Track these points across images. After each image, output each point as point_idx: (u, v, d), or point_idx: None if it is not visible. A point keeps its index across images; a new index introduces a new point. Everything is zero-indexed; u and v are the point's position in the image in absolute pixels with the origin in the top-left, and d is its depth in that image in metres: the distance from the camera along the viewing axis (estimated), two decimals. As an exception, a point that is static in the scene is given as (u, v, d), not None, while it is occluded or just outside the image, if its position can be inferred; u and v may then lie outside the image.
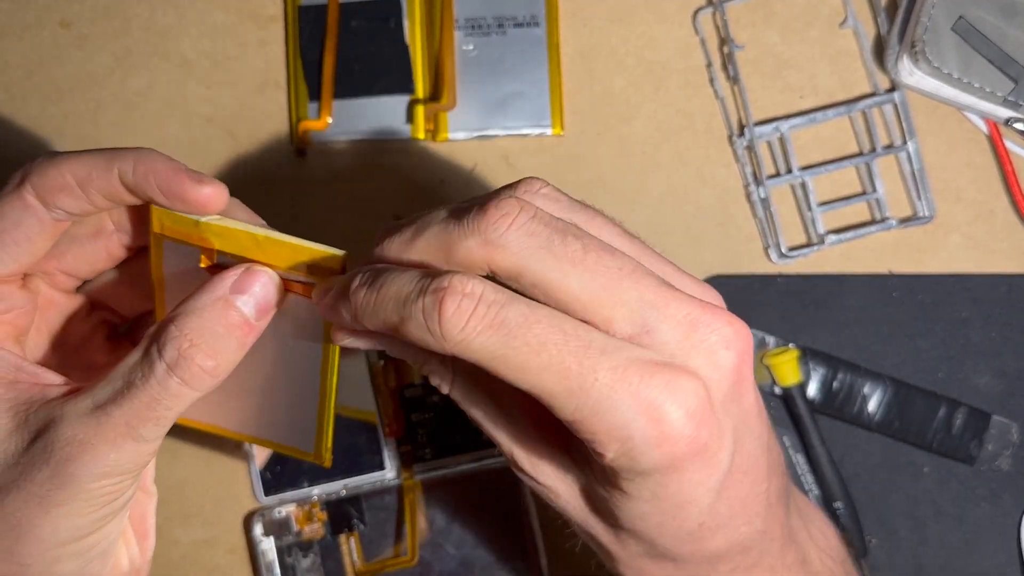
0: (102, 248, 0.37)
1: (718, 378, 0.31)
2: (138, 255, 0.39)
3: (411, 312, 0.29)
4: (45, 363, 0.38)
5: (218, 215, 0.36)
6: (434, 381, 0.34)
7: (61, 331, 0.39)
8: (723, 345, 0.30)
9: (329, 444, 0.39)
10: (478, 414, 0.34)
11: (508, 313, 0.29)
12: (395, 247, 0.32)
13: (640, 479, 0.31)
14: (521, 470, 0.34)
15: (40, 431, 0.33)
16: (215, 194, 0.34)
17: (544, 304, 0.30)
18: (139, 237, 0.38)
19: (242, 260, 0.35)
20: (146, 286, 0.40)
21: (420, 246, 0.31)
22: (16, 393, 0.34)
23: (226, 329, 0.34)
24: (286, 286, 0.36)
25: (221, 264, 0.36)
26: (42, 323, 0.39)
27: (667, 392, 0.29)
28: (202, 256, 0.36)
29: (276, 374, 0.39)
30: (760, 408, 0.34)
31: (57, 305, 0.39)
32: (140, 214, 0.37)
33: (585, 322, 0.30)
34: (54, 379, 0.35)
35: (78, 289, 0.40)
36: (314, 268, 0.35)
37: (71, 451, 0.33)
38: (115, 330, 0.42)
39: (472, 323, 0.29)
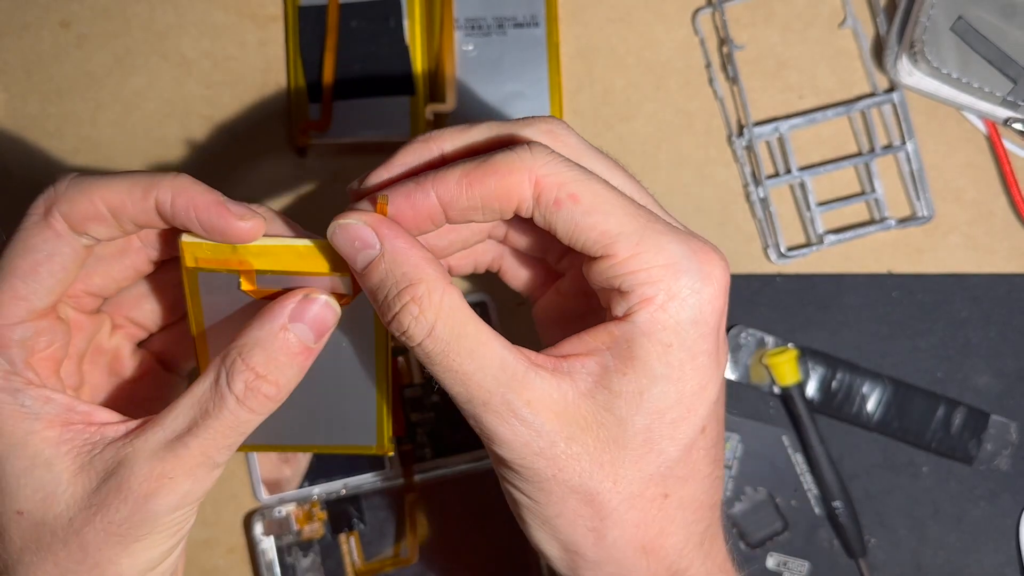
0: (129, 266, 0.38)
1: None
2: (158, 268, 0.39)
3: (500, 151, 0.34)
4: (76, 386, 0.39)
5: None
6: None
7: (90, 352, 0.40)
8: (721, 269, 0.35)
9: (390, 434, 0.40)
10: (463, 350, 0.33)
11: (582, 167, 0.34)
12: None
13: (675, 339, 0.33)
14: (506, 411, 0.34)
15: (110, 471, 0.34)
16: (256, 228, 0.34)
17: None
18: (166, 251, 0.38)
19: (284, 275, 0.35)
20: (166, 298, 0.40)
21: (458, 167, 0.34)
22: (72, 435, 0.35)
23: (288, 358, 0.35)
24: (333, 291, 0.36)
25: (264, 283, 0.36)
26: (73, 348, 0.39)
27: (710, 252, 0.34)
28: (242, 279, 0.36)
29: (328, 380, 0.39)
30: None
31: (84, 328, 0.39)
32: (167, 231, 0.37)
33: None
34: (108, 417, 0.36)
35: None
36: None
37: (150, 487, 0.33)
38: (136, 343, 0.42)
39: (557, 156, 0.34)
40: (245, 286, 0.36)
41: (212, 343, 0.38)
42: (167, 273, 0.39)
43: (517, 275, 0.41)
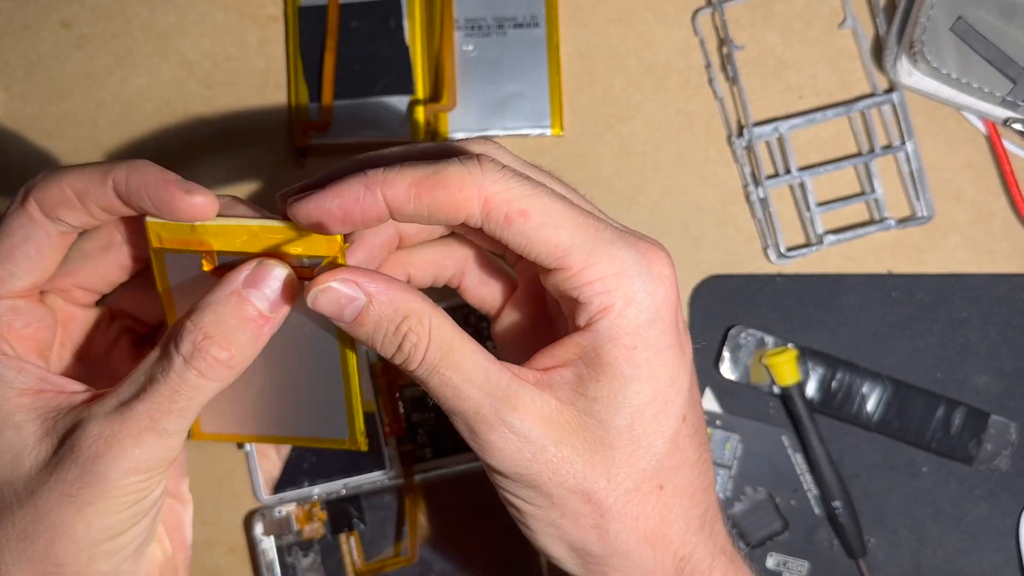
0: (114, 261, 0.38)
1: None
2: (147, 265, 0.39)
3: (449, 162, 0.34)
4: (71, 376, 0.39)
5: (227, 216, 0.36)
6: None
7: (84, 344, 0.40)
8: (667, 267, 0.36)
9: (362, 427, 0.40)
10: (451, 365, 0.35)
11: (532, 179, 0.35)
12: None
13: (638, 341, 0.35)
14: (496, 420, 0.35)
15: (67, 434, 0.34)
16: (205, 203, 0.35)
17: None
18: (144, 247, 0.38)
19: (243, 256, 0.36)
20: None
21: (408, 172, 0.34)
22: (43, 402, 0.35)
23: (239, 322, 0.35)
24: (297, 273, 0.36)
25: (225, 265, 0.36)
26: (65, 338, 0.40)
27: (656, 251, 0.36)
28: (203, 261, 0.36)
29: (296, 369, 0.39)
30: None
31: (77, 319, 0.40)
32: (141, 226, 0.37)
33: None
34: (78, 387, 0.36)
35: (98, 302, 0.41)
36: (312, 249, 0.35)
37: (97, 448, 0.34)
38: (139, 339, 0.42)
39: (507, 171, 0.35)
40: (206, 266, 0.36)
41: None
42: None
43: (477, 292, 0.42)
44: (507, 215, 0.34)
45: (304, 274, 0.36)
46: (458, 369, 0.34)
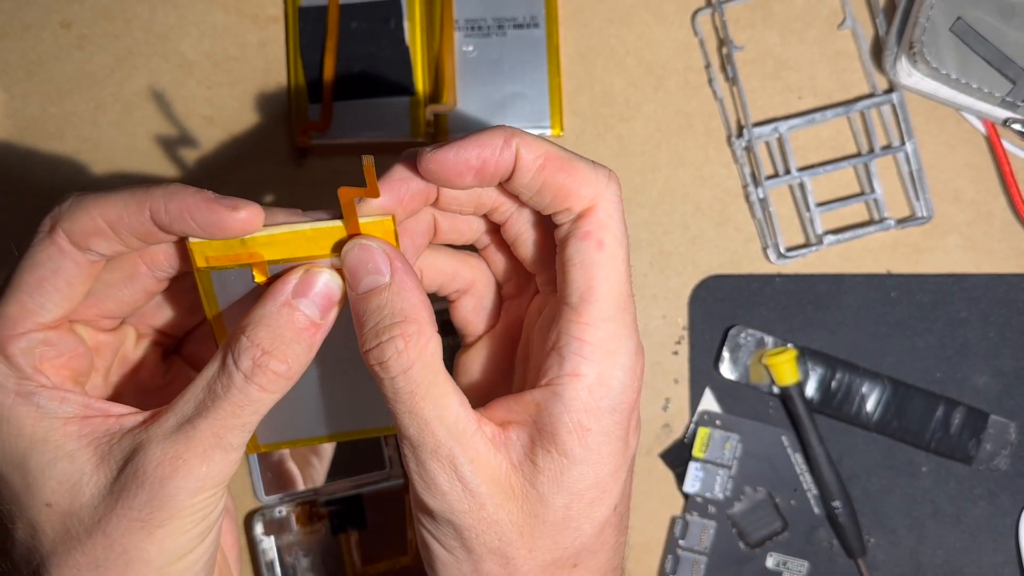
0: (139, 289, 0.38)
1: None
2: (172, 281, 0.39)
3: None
4: (105, 398, 0.39)
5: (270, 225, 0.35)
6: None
7: (116, 364, 0.40)
8: None
9: None
10: (430, 396, 0.35)
11: None
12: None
13: (595, 424, 0.35)
14: (449, 464, 0.35)
15: (127, 459, 0.34)
16: (252, 216, 0.34)
17: None
18: (174, 270, 0.38)
19: (297, 261, 0.35)
20: (185, 302, 0.40)
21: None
22: (91, 428, 0.35)
23: (294, 333, 0.35)
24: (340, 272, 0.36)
25: (276, 274, 0.36)
26: (98, 363, 0.39)
27: (641, 349, 0.37)
28: (255, 272, 0.36)
29: (337, 365, 0.39)
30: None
31: (108, 345, 0.39)
32: (174, 249, 0.37)
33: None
34: (124, 409, 0.36)
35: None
36: (368, 231, 0.35)
37: (164, 470, 0.34)
38: (166, 350, 0.42)
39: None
40: (259, 278, 0.36)
41: None
42: (182, 279, 0.39)
43: (466, 315, 0.42)
44: (589, 232, 0.35)
45: None
46: (435, 404, 0.34)
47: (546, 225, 0.38)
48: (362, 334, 0.35)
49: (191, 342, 0.42)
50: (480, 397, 0.38)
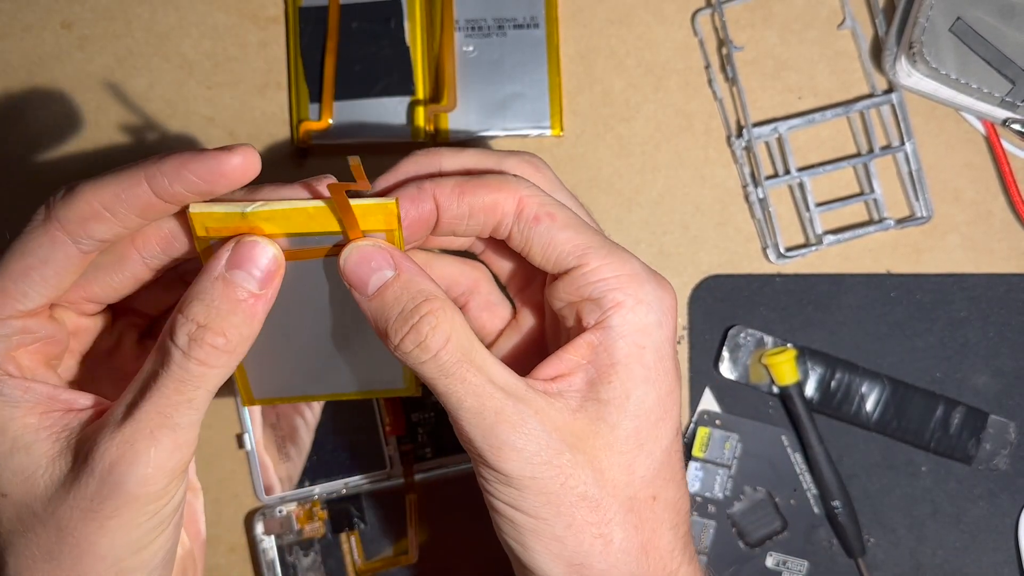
0: (128, 275, 0.37)
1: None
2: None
3: (489, 174, 0.38)
4: (79, 383, 0.39)
5: (261, 200, 0.35)
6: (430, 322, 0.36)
7: (91, 349, 0.40)
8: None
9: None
10: (475, 364, 0.35)
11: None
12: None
13: (647, 341, 0.36)
14: (519, 421, 0.35)
15: (81, 450, 0.34)
16: (248, 157, 0.34)
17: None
18: (165, 258, 0.38)
19: (298, 237, 0.35)
20: (166, 284, 0.39)
21: (452, 179, 0.37)
22: (52, 421, 0.35)
23: (230, 305, 0.34)
24: (352, 237, 0.35)
25: (288, 251, 0.36)
26: (74, 346, 0.39)
27: (659, 274, 0.38)
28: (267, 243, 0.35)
29: (345, 325, 0.39)
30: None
31: (86, 329, 0.39)
32: (166, 232, 0.37)
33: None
34: (87, 401, 0.36)
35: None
36: (370, 216, 0.35)
37: (111, 456, 0.33)
38: (141, 333, 0.42)
39: (536, 187, 0.38)
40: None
41: None
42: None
43: (479, 316, 0.43)
44: (536, 215, 0.37)
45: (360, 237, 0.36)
46: (480, 369, 0.35)
47: None
48: (387, 329, 0.35)
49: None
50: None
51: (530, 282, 0.42)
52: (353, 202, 0.34)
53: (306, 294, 0.38)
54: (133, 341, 0.41)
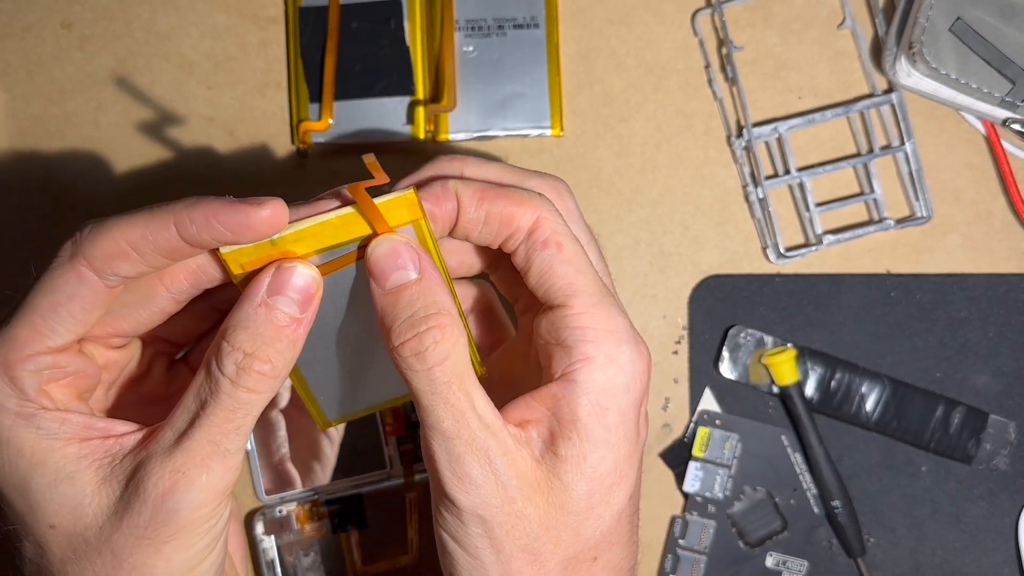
0: (157, 311, 0.38)
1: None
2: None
3: (514, 187, 0.38)
4: (110, 412, 0.39)
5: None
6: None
7: (121, 380, 0.40)
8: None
9: (478, 358, 0.40)
10: (464, 388, 0.35)
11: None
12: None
13: (611, 402, 0.36)
14: (483, 456, 0.35)
15: (129, 479, 0.34)
16: (277, 210, 0.34)
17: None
18: (195, 290, 0.38)
19: (329, 250, 0.35)
20: (194, 312, 0.40)
21: (478, 184, 0.37)
22: (91, 449, 0.35)
23: (274, 332, 0.35)
24: (380, 232, 0.36)
25: (329, 261, 0.36)
26: (104, 378, 0.39)
27: (642, 340, 0.37)
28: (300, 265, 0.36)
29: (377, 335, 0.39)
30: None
31: (115, 362, 0.39)
32: (193, 268, 0.37)
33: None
34: (125, 428, 0.36)
35: None
36: (392, 210, 0.35)
37: (164, 485, 0.34)
38: (171, 360, 0.42)
39: (557, 213, 0.38)
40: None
41: None
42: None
43: (475, 333, 0.43)
44: (546, 240, 0.36)
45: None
46: (468, 396, 0.35)
47: None
48: (393, 328, 0.35)
49: (198, 350, 0.42)
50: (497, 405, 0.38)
51: (531, 307, 0.42)
52: (380, 199, 0.35)
53: (348, 303, 0.38)
54: (163, 368, 0.42)
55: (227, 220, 0.34)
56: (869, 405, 0.53)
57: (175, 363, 0.42)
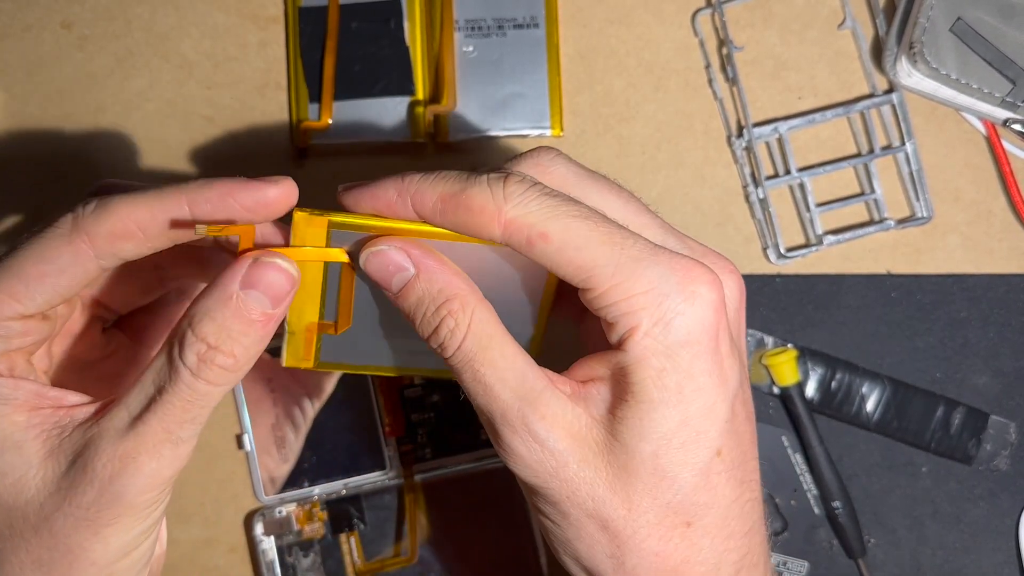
0: (147, 285, 0.37)
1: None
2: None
3: (476, 181, 0.34)
4: (47, 368, 0.38)
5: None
6: (448, 326, 0.35)
7: (60, 334, 0.39)
8: (707, 288, 0.34)
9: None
10: (486, 361, 0.34)
11: (557, 197, 0.34)
12: (416, 182, 0.35)
13: (668, 363, 0.33)
14: (521, 426, 0.34)
15: (78, 454, 0.33)
16: (287, 188, 0.34)
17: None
18: (177, 274, 0.37)
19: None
20: (138, 282, 0.39)
21: (439, 185, 0.34)
22: (42, 418, 0.34)
23: (243, 326, 0.33)
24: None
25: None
26: (53, 340, 0.38)
27: (694, 269, 0.34)
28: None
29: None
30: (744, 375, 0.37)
31: (74, 326, 0.39)
32: (177, 254, 0.36)
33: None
34: (77, 399, 0.35)
35: None
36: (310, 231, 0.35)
37: (114, 468, 0.33)
38: (105, 323, 0.41)
39: (530, 192, 0.33)
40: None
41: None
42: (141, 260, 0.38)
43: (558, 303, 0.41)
44: (528, 238, 0.33)
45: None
46: (493, 366, 0.34)
47: None
48: (418, 329, 0.35)
49: (135, 318, 0.41)
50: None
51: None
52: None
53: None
54: (97, 331, 0.40)
55: (244, 197, 0.33)
56: (870, 405, 0.53)
57: (109, 328, 0.41)
